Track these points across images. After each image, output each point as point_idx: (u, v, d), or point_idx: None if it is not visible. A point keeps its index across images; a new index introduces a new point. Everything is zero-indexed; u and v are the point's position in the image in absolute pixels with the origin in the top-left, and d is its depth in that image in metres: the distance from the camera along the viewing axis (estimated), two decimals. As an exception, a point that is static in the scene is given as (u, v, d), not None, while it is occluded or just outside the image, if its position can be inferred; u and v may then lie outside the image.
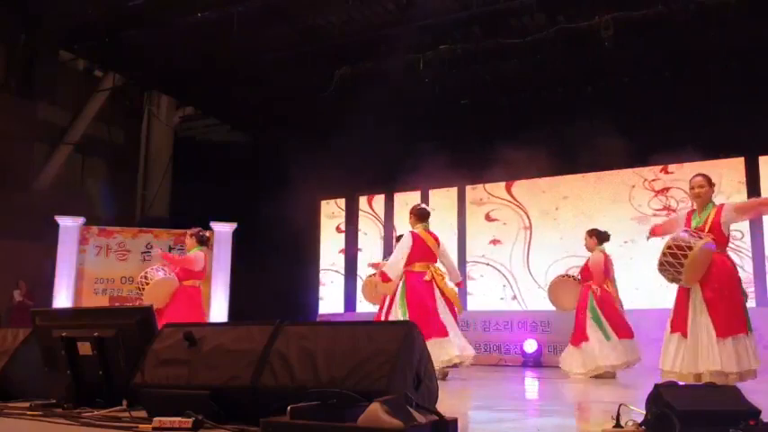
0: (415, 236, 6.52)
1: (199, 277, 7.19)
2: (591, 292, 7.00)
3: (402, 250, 6.49)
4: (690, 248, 4.84)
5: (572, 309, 7.21)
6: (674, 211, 9.57)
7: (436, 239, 6.65)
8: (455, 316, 6.48)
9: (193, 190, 11.26)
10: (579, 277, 7.42)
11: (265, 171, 11.55)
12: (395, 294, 6.46)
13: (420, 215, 6.72)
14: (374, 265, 7.05)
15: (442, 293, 6.42)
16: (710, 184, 5.25)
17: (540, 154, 9.48)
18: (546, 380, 7.05)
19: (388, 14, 8.69)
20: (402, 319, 6.14)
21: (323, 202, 12.36)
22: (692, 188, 5.30)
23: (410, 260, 6.45)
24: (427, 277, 6.40)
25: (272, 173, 11.52)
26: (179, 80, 10.85)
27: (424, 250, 6.49)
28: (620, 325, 6.89)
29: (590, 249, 7.34)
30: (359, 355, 2.60)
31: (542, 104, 9.89)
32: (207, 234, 7.56)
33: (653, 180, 10.00)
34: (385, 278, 6.46)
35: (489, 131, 10.23)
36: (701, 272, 4.92)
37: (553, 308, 7.86)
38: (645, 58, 9.02)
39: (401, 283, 6.43)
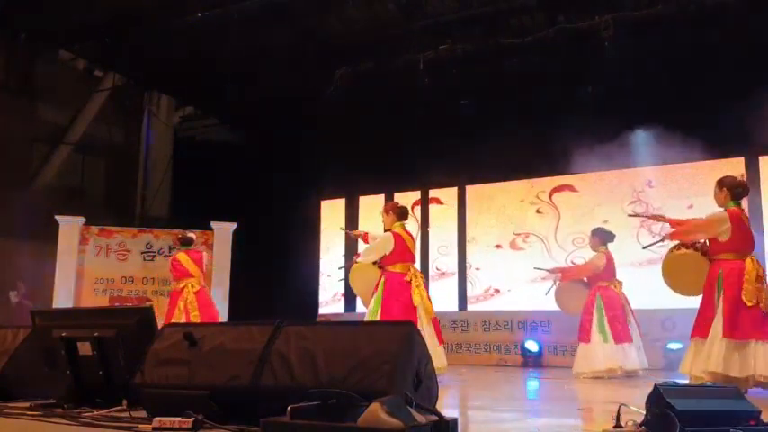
0: (396, 236, 6.46)
1: None
2: (598, 293, 6.99)
3: (380, 250, 6.45)
4: None
5: (578, 313, 7.16)
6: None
7: (413, 238, 6.59)
8: (437, 327, 6.41)
9: (193, 190, 11.25)
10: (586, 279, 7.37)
11: (265, 171, 11.54)
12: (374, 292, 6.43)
13: (401, 214, 6.66)
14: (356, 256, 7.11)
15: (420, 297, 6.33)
16: (720, 187, 5.26)
17: (541, 153, 9.47)
18: (546, 380, 7.04)
19: (388, 14, 8.68)
20: (375, 318, 6.10)
21: (323, 203, 12.34)
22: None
23: (391, 260, 6.41)
24: (407, 278, 6.36)
25: (273, 173, 11.51)
26: (179, 80, 10.84)
27: (404, 251, 6.44)
28: (618, 329, 6.81)
29: (594, 249, 7.33)
30: (359, 355, 2.60)
31: (542, 104, 9.88)
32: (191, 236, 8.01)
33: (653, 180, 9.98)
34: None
35: (489, 131, 10.22)
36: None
37: (553, 308, 7.84)
38: (645, 58, 9.01)
39: (380, 283, 6.38)
